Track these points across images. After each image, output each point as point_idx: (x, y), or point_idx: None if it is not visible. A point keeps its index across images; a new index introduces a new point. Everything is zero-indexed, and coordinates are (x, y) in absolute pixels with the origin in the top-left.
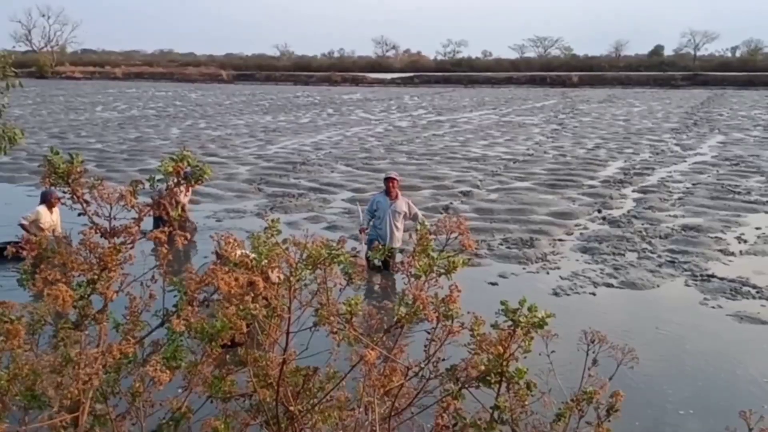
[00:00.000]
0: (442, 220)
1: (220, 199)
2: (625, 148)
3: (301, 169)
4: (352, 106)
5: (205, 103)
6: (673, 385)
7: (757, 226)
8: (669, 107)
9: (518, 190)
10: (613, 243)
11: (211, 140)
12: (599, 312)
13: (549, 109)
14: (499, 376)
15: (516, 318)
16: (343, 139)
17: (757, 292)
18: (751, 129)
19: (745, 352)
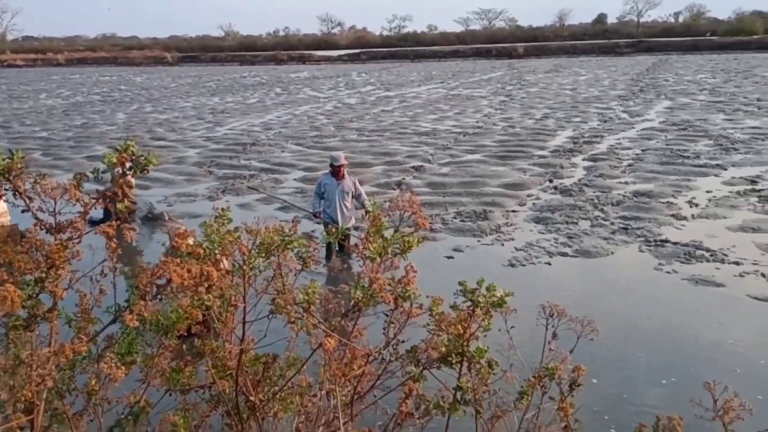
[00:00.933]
0: (395, 199)
1: (170, 183)
2: (573, 117)
3: (251, 150)
4: (300, 84)
5: (151, 86)
6: (635, 352)
7: (707, 189)
8: (615, 75)
9: (469, 163)
10: (565, 212)
11: (158, 124)
12: (555, 282)
13: (496, 81)
14: (459, 356)
15: (475, 298)
16: (292, 118)
17: (711, 255)
18: (697, 93)
19: (704, 316)
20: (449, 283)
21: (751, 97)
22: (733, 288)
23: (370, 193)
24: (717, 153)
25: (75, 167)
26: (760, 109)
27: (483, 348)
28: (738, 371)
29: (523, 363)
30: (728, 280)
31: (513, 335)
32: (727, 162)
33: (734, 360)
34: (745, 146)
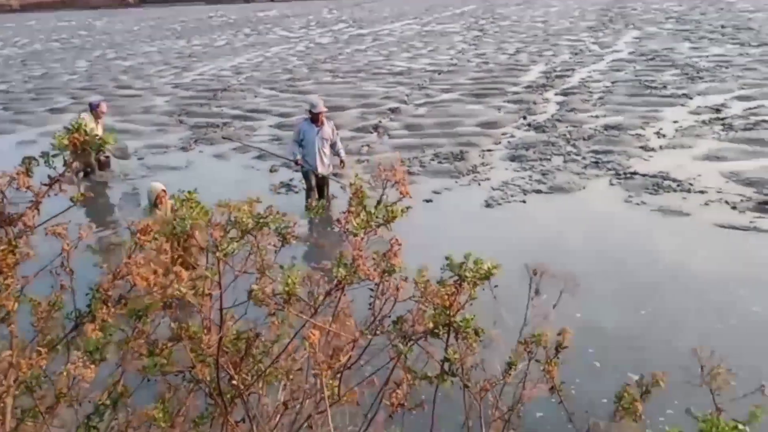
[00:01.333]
0: (378, 169)
1: (139, 134)
2: (544, 51)
3: (222, 96)
4: (270, 24)
5: (113, 30)
6: (609, 285)
7: (674, 119)
8: (585, 5)
9: (445, 103)
10: (539, 149)
11: (123, 71)
12: (531, 220)
13: (469, 15)
14: (446, 327)
15: (462, 273)
16: (263, 61)
17: (678, 185)
18: (664, 22)
19: (674, 245)
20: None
21: (716, 24)
22: (699, 217)
23: (349, 138)
24: (683, 82)
25: (39, 121)
26: (724, 36)
27: (469, 318)
28: (708, 298)
29: (507, 320)
30: (694, 209)
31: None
32: (693, 91)
33: (704, 286)
34: (709, 74)
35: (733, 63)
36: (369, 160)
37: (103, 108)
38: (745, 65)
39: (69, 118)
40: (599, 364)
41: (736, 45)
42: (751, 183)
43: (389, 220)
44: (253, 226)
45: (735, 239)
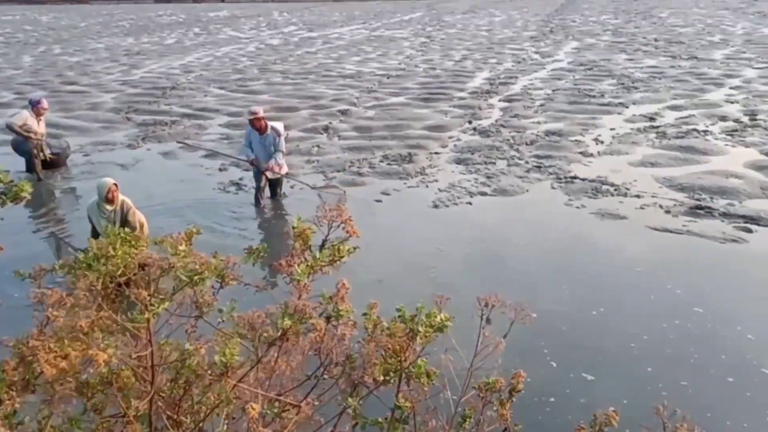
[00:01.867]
0: (323, 209)
1: (85, 131)
2: (489, 59)
3: (171, 94)
4: (220, 23)
5: (59, 26)
6: (552, 286)
7: (611, 126)
8: (527, 15)
9: (394, 106)
10: (484, 152)
11: (69, 67)
12: (477, 222)
13: (416, 22)
14: (397, 373)
15: (414, 327)
16: (213, 60)
17: (615, 189)
18: (602, 34)
19: (611, 247)
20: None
21: (650, 38)
22: (635, 220)
23: (299, 138)
24: (619, 92)
25: None
26: (657, 48)
27: (422, 364)
28: (642, 295)
29: (458, 350)
30: (630, 213)
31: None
32: (629, 100)
33: (639, 285)
34: (644, 85)
35: (666, 74)
36: (319, 160)
37: (44, 105)
38: (676, 77)
39: (10, 113)
40: (526, 351)
41: (668, 57)
42: (683, 188)
43: (335, 260)
44: (186, 283)
45: (669, 242)
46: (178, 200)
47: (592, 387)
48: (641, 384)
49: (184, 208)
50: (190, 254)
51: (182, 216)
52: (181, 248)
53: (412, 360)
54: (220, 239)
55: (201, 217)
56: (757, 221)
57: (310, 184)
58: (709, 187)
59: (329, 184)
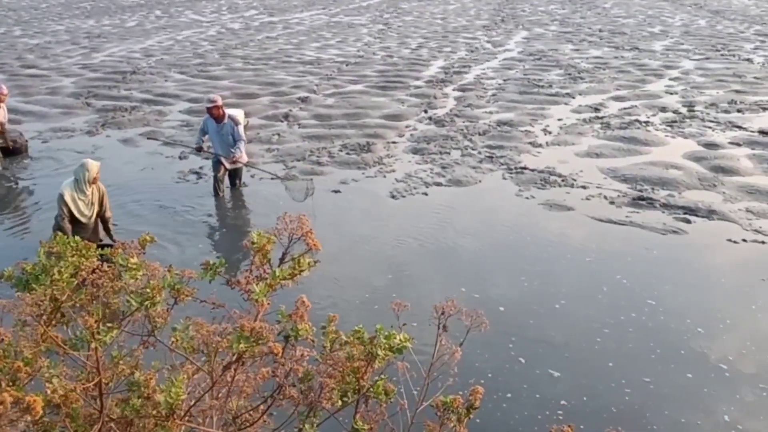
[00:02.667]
0: (283, 220)
1: (44, 117)
2: (444, 47)
3: (131, 79)
4: (181, 7)
5: (19, 7)
6: (506, 276)
7: (559, 117)
8: (479, 4)
9: (352, 94)
10: (439, 142)
11: (29, 50)
12: (431, 212)
13: (374, 9)
14: (356, 393)
15: (374, 350)
16: (174, 44)
17: (562, 180)
18: (550, 24)
19: (558, 237)
20: (337, 218)
21: (594, 28)
22: (581, 211)
23: (259, 126)
24: (566, 82)
25: None
26: (601, 39)
27: (380, 383)
28: (595, 287)
29: (416, 360)
30: (577, 204)
31: (398, 275)
32: (575, 90)
33: (591, 277)
34: (589, 75)
35: (610, 65)
36: (279, 149)
37: (3, 90)
38: (619, 67)
39: None
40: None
41: (611, 48)
42: (626, 179)
43: (295, 274)
44: (137, 308)
45: (614, 232)
46: (137, 189)
47: (551, 383)
48: (603, 380)
49: (142, 199)
50: (143, 266)
51: (141, 205)
52: (133, 261)
53: (371, 381)
54: (178, 232)
55: (159, 207)
56: (695, 212)
57: (278, 175)
58: (651, 178)
59: (291, 174)
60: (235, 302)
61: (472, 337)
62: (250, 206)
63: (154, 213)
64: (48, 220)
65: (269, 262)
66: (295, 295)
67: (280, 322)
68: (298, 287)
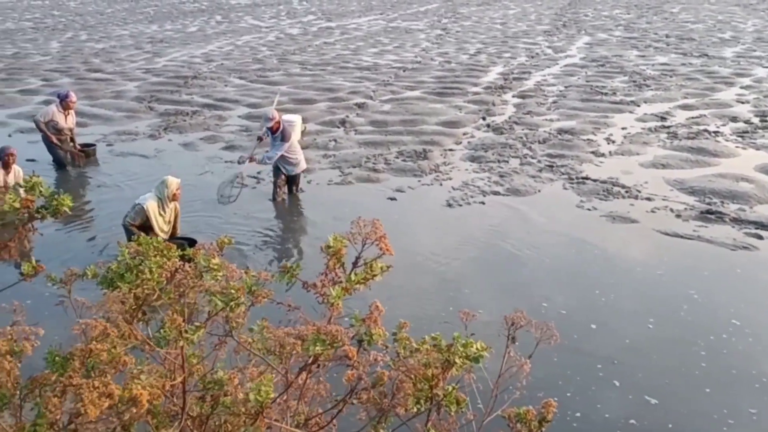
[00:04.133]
0: (357, 225)
1: (109, 120)
2: (503, 53)
3: (192, 83)
4: (241, 12)
5: (85, 12)
6: (568, 289)
7: (623, 126)
8: (540, 9)
9: (409, 100)
10: (497, 150)
11: (94, 54)
12: (489, 222)
13: (432, 14)
14: (428, 401)
15: (451, 358)
16: (234, 50)
17: (626, 191)
18: (614, 29)
19: (623, 251)
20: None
21: (661, 34)
22: (646, 223)
23: (316, 132)
24: (631, 89)
25: (8, 102)
26: (668, 45)
27: (452, 389)
28: (666, 304)
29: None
30: (641, 216)
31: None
32: (640, 98)
33: (658, 290)
34: (655, 83)
35: (677, 72)
36: (335, 155)
37: (73, 98)
38: (687, 75)
39: (39, 100)
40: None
41: (679, 54)
42: (693, 192)
43: (368, 278)
44: (221, 308)
45: (681, 247)
46: (197, 193)
47: (632, 405)
48: (698, 408)
49: (202, 202)
50: (223, 268)
51: (201, 208)
52: (214, 262)
53: (445, 388)
54: (238, 235)
55: (219, 211)
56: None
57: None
58: (720, 191)
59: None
60: (308, 308)
61: (541, 350)
62: (305, 211)
63: (213, 217)
64: (112, 219)
65: (343, 266)
66: (355, 300)
67: (353, 326)
68: (352, 295)
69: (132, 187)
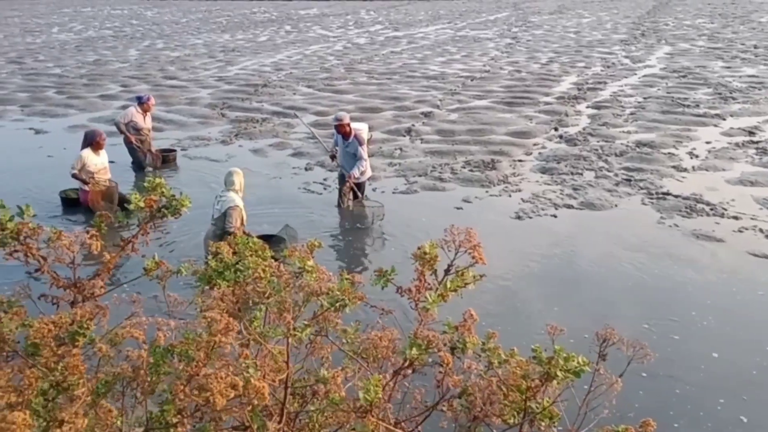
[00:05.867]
0: (451, 232)
1: (183, 125)
2: (577, 62)
3: (262, 91)
4: (310, 22)
5: (162, 21)
6: (644, 312)
7: (707, 140)
8: (617, 17)
9: (477, 109)
10: (570, 162)
11: (170, 62)
12: (562, 236)
13: (502, 22)
14: (521, 413)
15: (552, 371)
16: (302, 59)
17: (711, 209)
18: (696, 39)
19: (708, 273)
20: None
21: (748, 44)
22: (732, 244)
23: (382, 140)
24: (716, 102)
25: (89, 107)
26: (757, 56)
27: (546, 404)
28: (747, 330)
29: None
30: (728, 236)
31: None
32: (726, 112)
33: (741, 318)
34: (743, 95)
35: (766, 84)
36: (401, 163)
37: (152, 101)
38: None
39: (118, 105)
40: None
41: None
42: None
43: (459, 287)
44: (327, 308)
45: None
46: (266, 198)
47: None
48: None
49: (270, 206)
50: (317, 270)
51: (270, 213)
52: (309, 264)
53: (538, 402)
54: (304, 240)
55: (286, 217)
56: None
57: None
58: None
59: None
60: (397, 312)
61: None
62: (370, 219)
63: (281, 221)
64: (189, 221)
65: (435, 273)
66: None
67: (446, 333)
68: (447, 302)
69: (207, 190)
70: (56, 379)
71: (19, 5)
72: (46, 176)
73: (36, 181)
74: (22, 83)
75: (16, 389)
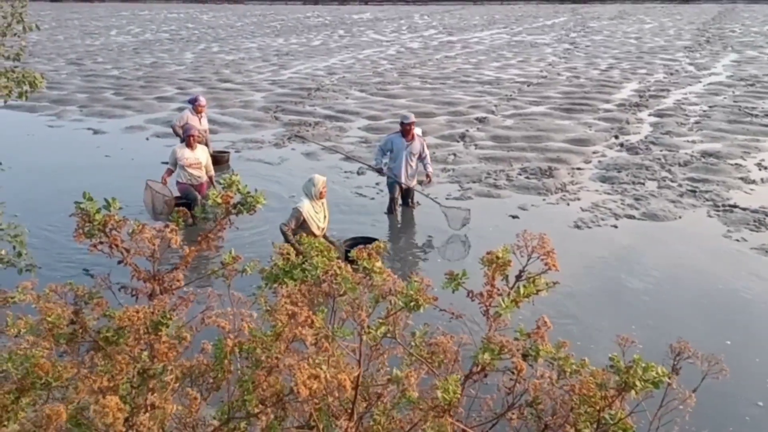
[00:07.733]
0: (524, 237)
1: (237, 128)
2: (638, 69)
3: (315, 95)
4: (363, 26)
5: (217, 25)
6: (712, 328)
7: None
8: (680, 23)
9: (534, 116)
10: (632, 171)
11: (225, 65)
12: (623, 247)
13: (560, 27)
14: (593, 423)
15: (630, 381)
16: (355, 63)
17: None
18: (765, 46)
19: None
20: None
21: None
22: None
23: (435, 146)
24: None
25: (146, 108)
26: None
27: (620, 414)
28: None
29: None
30: None
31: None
32: None
33: None
34: None
35: None
36: (455, 169)
37: (201, 102)
38: None
39: (174, 107)
40: None
41: None
42: None
43: (530, 294)
44: (401, 308)
45: None
46: None
47: None
48: None
49: None
50: (384, 271)
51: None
52: (378, 265)
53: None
54: None
55: (337, 221)
56: None
57: (438, 201)
58: None
59: (453, 206)
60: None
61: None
62: (420, 225)
63: (335, 226)
64: (249, 223)
65: (506, 278)
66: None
67: (518, 339)
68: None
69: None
70: (143, 366)
71: (79, 8)
72: (104, 175)
73: (93, 180)
74: (81, 84)
75: (108, 373)
